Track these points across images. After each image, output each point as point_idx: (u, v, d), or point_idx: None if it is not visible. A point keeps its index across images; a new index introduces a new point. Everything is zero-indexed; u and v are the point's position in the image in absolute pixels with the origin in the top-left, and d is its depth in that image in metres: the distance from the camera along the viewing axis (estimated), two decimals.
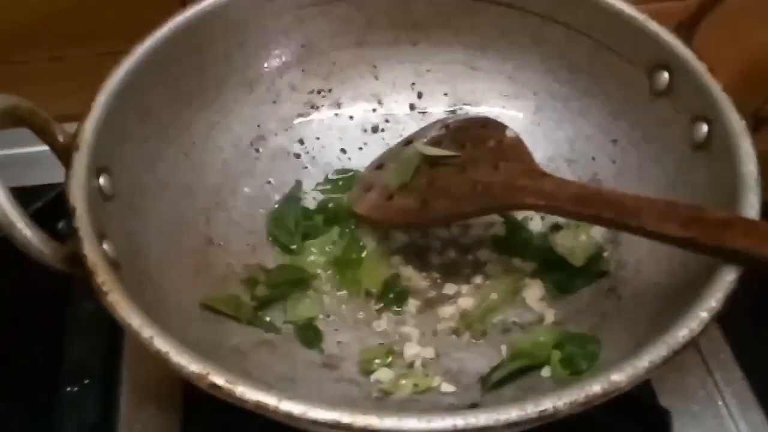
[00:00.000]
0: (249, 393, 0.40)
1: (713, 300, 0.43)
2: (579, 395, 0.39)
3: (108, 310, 0.44)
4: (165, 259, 0.56)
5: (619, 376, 0.40)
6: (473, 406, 0.50)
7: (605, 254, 0.60)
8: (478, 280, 0.61)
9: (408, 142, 0.65)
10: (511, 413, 0.38)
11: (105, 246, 0.48)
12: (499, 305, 0.59)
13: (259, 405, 0.39)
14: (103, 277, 0.45)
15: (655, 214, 0.48)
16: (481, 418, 0.38)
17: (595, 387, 0.40)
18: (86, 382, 0.59)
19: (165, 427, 0.57)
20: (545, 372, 0.52)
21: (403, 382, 0.53)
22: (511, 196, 0.55)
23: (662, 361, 0.41)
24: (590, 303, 0.57)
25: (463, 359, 0.55)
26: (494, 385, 0.52)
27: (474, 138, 0.61)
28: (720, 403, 0.57)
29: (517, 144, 0.59)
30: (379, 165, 0.65)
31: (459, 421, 0.38)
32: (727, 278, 0.44)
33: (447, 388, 0.53)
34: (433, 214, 0.58)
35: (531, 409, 0.39)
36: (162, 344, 0.42)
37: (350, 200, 0.64)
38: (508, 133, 0.60)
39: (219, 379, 0.40)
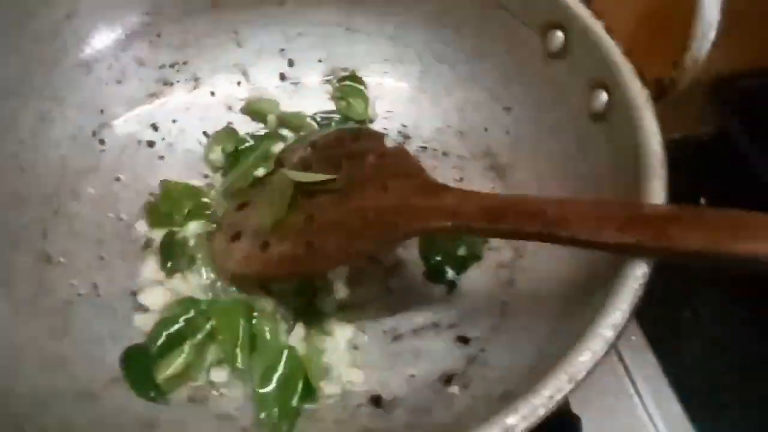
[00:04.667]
0: None
1: (619, 313, 0.37)
2: None
3: None
4: None
5: (515, 419, 0.34)
6: None
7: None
8: None
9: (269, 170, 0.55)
10: None
11: None
12: None
13: None
14: None
15: (586, 219, 0.40)
16: None
17: None
18: None
19: None
20: (453, 388, 0.46)
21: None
22: (410, 221, 0.45)
23: (562, 396, 0.35)
24: (488, 298, 0.51)
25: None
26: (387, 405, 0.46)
27: (349, 154, 0.52)
28: (632, 391, 0.53)
29: (401, 155, 0.51)
30: (240, 204, 0.54)
31: None
32: (637, 274, 0.38)
33: (330, 414, 0.47)
34: (324, 258, 0.47)
35: None
36: None
37: (214, 255, 0.53)
38: (388, 143, 0.51)
39: None
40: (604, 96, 0.49)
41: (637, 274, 0.39)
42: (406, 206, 0.46)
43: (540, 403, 0.35)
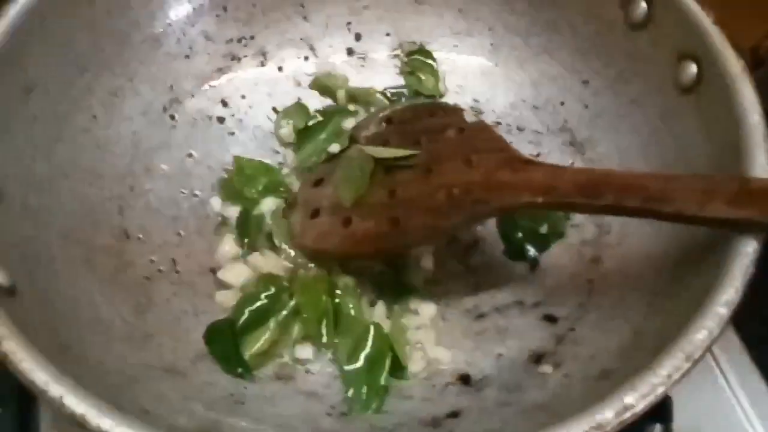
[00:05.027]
0: None
1: (734, 291, 0.36)
2: (588, 424, 0.33)
3: (1, 361, 0.35)
4: (73, 266, 0.47)
5: (634, 398, 0.34)
6: (453, 415, 0.43)
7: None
8: None
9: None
10: None
11: None
12: None
13: None
14: None
15: (692, 193, 0.38)
16: None
17: (607, 413, 0.33)
18: None
19: None
20: (545, 368, 0.45)
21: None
22: (500, 197, 0.44)
23: (681, 373, 0.34)
24: (573, 276, 0.50)
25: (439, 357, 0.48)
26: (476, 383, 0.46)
27: (427, 129, 0.50)
28: (717, 373, 0.52)
29: (483, 129, 0.49)
30: (317, 181, 0.54)
31: None
32: (748, 250, 0.37)
33: (418, 391, 0.46)
34: (410, 235, 0.46)
35: None
36: (76, 404, 0.34)
37: (293, 232, 0.52)
38: (467, 117, 0.50)
39: None
40: (692, 68, 0.47)
41: (748, 250, 0.38)
42: (495, 181, 0.45)
43: (659, 381, 0.34)
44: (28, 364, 0.35)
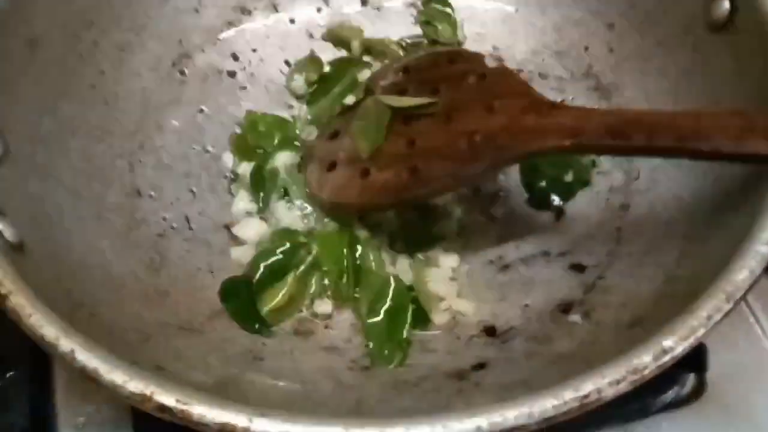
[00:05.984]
0: (210, 414, 0.31)
1: None
2: (626, 368, 0.31)
3: (11, 318, 0.34)
4: (83, 223, 0.46)
5: (673, 341, 0.32)
6: (479, 366, 0.42)
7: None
8: None
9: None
10: (546, 404, 0.30)
11: (1, 226, 0.38)
12: None
13: (224, 429, 0.30)
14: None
15: (729, 129, 0.37)
16: (509, 416, 0.30)
17: (645, 357, 0.32)
18: (11, 374, 0.49)
19: (114, 419, 0.47)
20: (574, 317, 0.44)
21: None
22: (525, 141, 0.42)
23: (722, 315, 0.33)
24: (601, 224, 0.49)
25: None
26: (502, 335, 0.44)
27: (446, 77, 0.48)
28: (752, 321, 0.50)
29: (505, 73, 0.48)
30: (332, 133, 0.52)
31: (482, 422, 0.30)
32: None
33: (443, 344, 0.45)
34: (429, 183, 0.45)
35: (570, 395, 0.31)
36: (88, 358, 0.32)
37: (309, 185, 0.50)
38: (488, 63, 0.48)
39: (168, 399, 0.31)
40: (725, 3, 0.45)
41: None
42: (519, 126, 0.43)
43: (698, 323, 0.32)
44: (37, 319, 0.34)
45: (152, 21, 0.54)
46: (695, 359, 0.45)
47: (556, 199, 0.51)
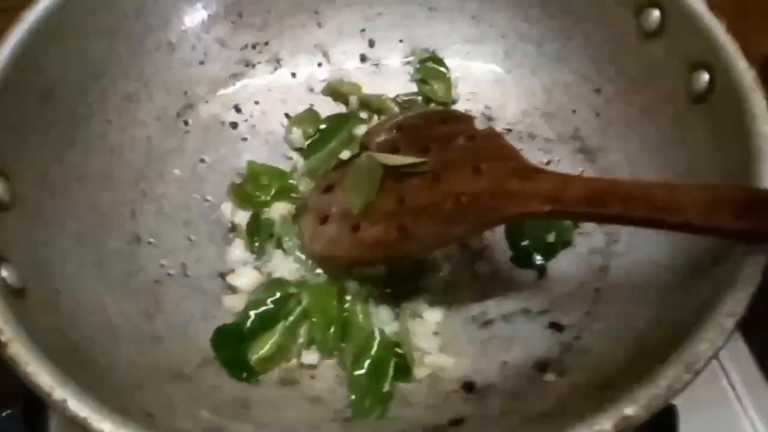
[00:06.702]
0: None
1: (737, 302, 0.36)
2: None
3: (10, 364, 0.36)
4: (84, 270, 0.47)
5: (633, 409, 0.34)
6: (456, 422, 0.43)
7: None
8: None
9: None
10: None
11: (3, 273, 0.40)
12: None
13: None
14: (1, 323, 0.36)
15: (700, 203, 0.38)
16: None
17: (605, 424, 0.33)
18: (6, 413, 0.51)
19: None
20: (550, 376, 0.45)
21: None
22: (507, 206, 0.44)
23: (682, 385, 0.34)
24: (581, 284, 0.50)
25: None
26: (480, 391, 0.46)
27: (438, 137, 0.50)
28: (725, 383, 0.51)
29: (493, 137, 0.49)
30: (327, 187, 0.54)
31: None
32: (755, 261, 0.37)
33: (422, 398, 0.46)
34: (417, 242, 0.46)
35: None
36: (79, 408, 0.34)
37: (303, 237, 0.52)
38: (478, 125, 0.50)
39: None
40: (705, 77, 0.47)
41: (754, 261, 0.37)
42: (502, 190, 0.45)
43: (659, 393, 0.34)
44: (34, 368, 0.36)
45: (159, 72, 0.57)
46: (666, 420, 0.46)
47: (538, 258, 0.52)
